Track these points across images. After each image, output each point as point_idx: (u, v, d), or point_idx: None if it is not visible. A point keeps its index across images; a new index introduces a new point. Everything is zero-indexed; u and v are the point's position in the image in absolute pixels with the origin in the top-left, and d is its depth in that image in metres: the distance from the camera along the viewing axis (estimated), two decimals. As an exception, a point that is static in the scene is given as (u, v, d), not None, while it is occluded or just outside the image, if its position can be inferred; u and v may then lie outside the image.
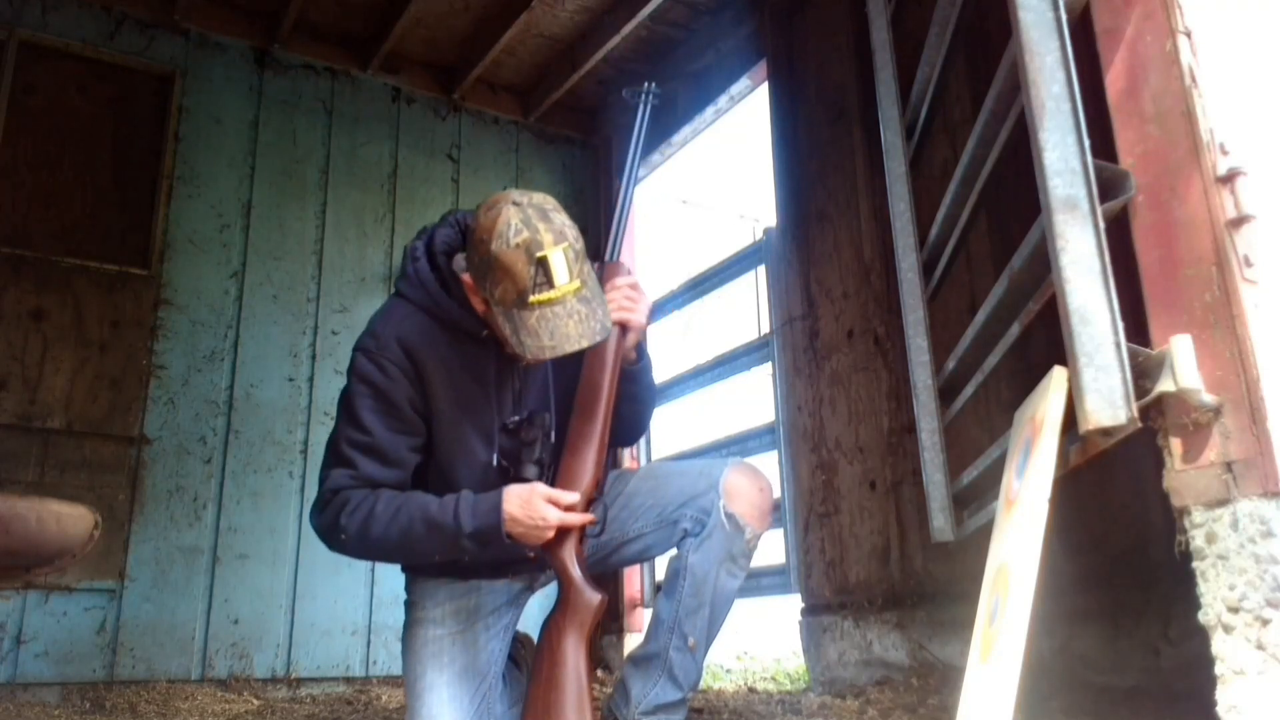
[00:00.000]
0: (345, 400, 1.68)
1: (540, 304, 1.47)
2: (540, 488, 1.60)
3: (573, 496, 1.60)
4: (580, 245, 1.54)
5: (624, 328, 1.71)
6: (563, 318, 1.48)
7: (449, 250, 1.70)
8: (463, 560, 1.71)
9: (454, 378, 1.67)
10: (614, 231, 1.83)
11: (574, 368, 1.73)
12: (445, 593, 1.81)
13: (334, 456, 1.66)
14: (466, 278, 1.59)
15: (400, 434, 1.65)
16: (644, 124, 1.91)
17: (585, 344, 1.49)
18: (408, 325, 1.66)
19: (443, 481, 1.71)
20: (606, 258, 1.80)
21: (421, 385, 1.65)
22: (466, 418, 1.68)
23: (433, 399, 1.66)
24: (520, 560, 1.77)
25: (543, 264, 1.47)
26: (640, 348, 1.80)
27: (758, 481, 1.75)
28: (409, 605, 1.86)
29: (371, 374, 1.63)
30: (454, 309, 1.65)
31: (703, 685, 3.80)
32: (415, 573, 1.87)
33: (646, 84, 1.93)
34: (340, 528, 1.61)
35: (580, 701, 1.55)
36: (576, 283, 1.50)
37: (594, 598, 1.59)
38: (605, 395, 1.67)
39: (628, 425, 1.80)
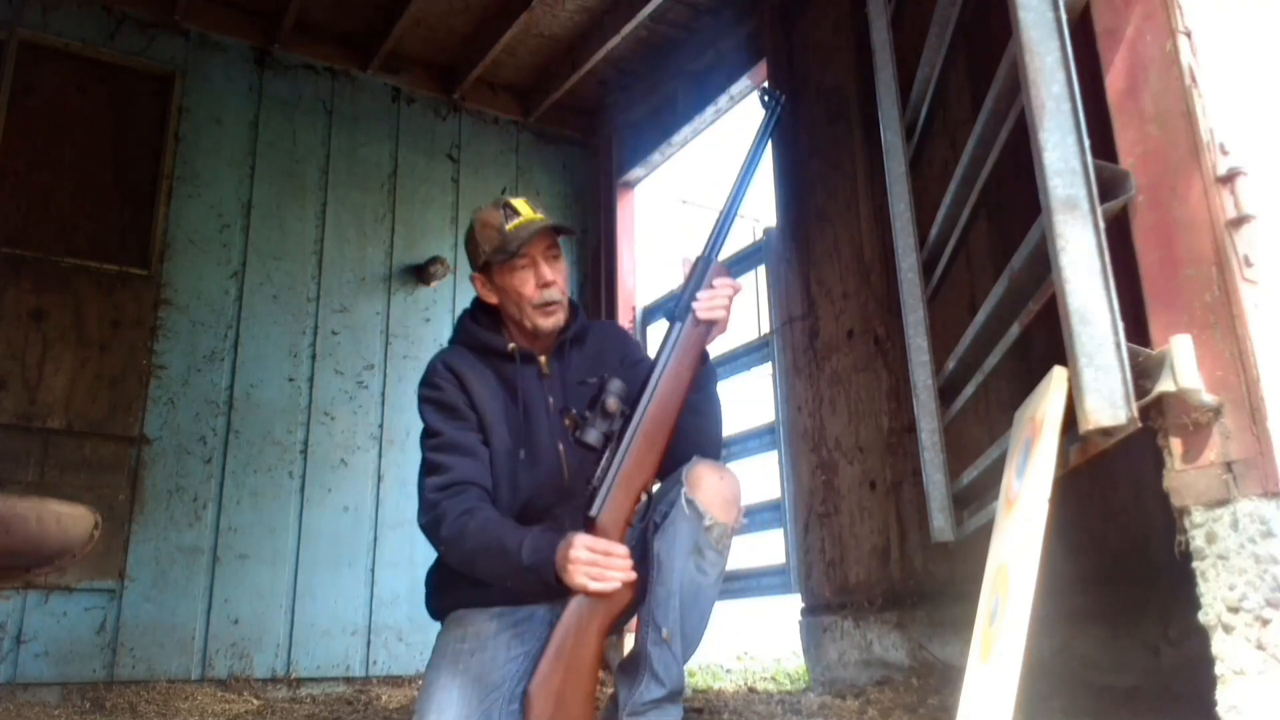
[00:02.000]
0: (422, 428, 1.90)
1: (513, 229, 1.83)
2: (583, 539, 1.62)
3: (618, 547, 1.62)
4: (542, 212, 1.91)
5: (709, 325, 1.76)
6: (532, 227, 1.83)
7: (477, 304, 2.01)
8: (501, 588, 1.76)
9: (488, 384, 1.91)
10: (718, 230, 1.88)
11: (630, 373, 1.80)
12: (480, 615, 1.86)
13: (425, 469, 1.84)
14: (477, 279, 1.91)
15: (465, 429, 1.86)
16: (771, 129, 1.93)
17: (552, 223, 1.85)
18: (450, 353, 1.96)
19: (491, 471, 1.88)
20: (707, 251, 1.84)
21: (465, 390, 1.88)
22: (497, 410, 1.88)
23: (475, 399, 1.88)
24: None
25: (509, 206, 1.87)
26: (706, 356, 1.84)
27: (719, 471, 1.76)
28: (446, 624, 1.92)
29: (430, 393, 1.89)
30: (482, 332, 1.94)
31: (703, 685, 3.80)
32: (456, 601, 1.91)
33: (778, 92, 1.94)
34: (441, 540, 1.76)
35: (592, 689, 1.57)
36: (541, 215, 1.87)
37: (628, 593, 1.61)
38: (685, 387, 1.71)
39: (690, 441, 1.79)
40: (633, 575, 1.59)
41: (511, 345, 1.90)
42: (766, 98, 1.93)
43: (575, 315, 1.97)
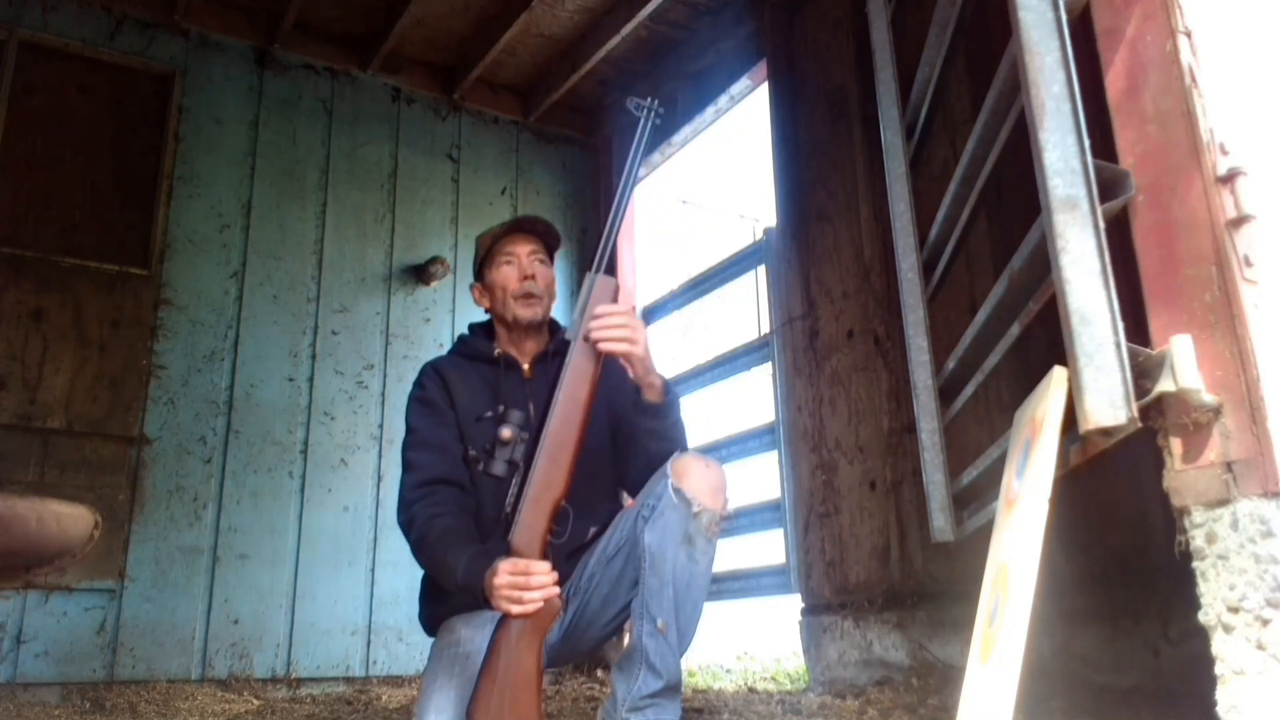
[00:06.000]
0: (406, 430, 2.01)
1: (507, 229, 2.07)
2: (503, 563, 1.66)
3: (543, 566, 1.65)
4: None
5: (626, 360, 1.78)
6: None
7: (476, 324, 2.20)
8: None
9: (469, 383, 2.03)
10: (604, 242, 1.82)
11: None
12: (471, 620, 1.88)
13: (404, 467, 1.96)
14: (475, 288, 2.10)
15: (440, 425, 1.97)
16: (644, 139, 1.89)
17: (534, 216, 2.09)
18: (440, 359, 2.12)
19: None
20: (594, 269, 1.80)
21: (447, 390, 2.02)
22: (478, 409, 1.98)
23: (455, 398, 2.01)
24: None
25: (504, 224, 2.09)
26: (667, 386, 1.86)
27: (704, 459, 1.79)
28: (439, 632, 1.96)
29: (416, 392, 2.03)
30: (474, 341, 2.11)
31: (703, 685, 3.80)
32: (449, 609, 1.94)
33: (650, 99, 1.91)
34: (411, 543, 1.87)
35: (531, 703, 1.58)
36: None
37: (555, 604, 1.63)
38: (584, 406, 1.73)
39: (657, 464, 1.83)
40: (554, 590, 1.63)
41: (498, 351, 2.05)
42: (636, 109, 1.90)
43: (557, 331, 2.08)
